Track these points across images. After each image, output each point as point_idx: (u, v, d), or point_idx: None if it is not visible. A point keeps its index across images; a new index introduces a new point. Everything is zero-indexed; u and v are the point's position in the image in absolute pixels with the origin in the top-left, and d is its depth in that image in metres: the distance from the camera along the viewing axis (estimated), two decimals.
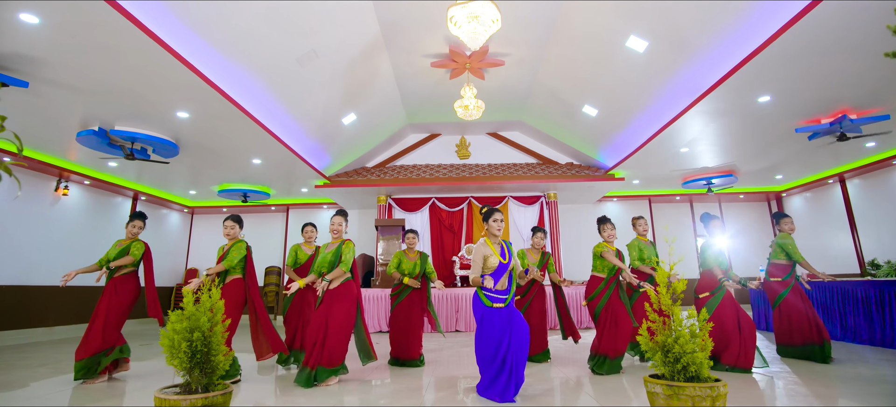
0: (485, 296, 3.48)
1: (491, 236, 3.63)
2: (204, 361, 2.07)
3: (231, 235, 4.22)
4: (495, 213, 3.63)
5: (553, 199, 10.72)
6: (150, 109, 6.10)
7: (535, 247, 5.18)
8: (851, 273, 9.95)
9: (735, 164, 9.55)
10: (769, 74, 5.48)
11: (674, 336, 2.00)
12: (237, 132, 6.94)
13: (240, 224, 4.30)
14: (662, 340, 2.02)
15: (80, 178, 8.91)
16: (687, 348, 1.94)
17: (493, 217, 3.62)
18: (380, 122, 9.21)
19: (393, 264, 4.96)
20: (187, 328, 2.03)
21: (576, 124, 8.94)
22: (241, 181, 10.15)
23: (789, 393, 3.44)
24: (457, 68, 7.36)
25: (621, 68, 6.62)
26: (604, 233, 4.57)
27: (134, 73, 5.18)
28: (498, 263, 3.49)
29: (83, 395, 3.69)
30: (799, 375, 4.04)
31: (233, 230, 4.23)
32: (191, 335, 2.03)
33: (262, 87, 6.31)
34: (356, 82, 7.35)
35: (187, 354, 2.00)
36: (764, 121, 6.91)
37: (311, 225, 5.06)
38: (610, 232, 4.55)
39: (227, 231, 4.21)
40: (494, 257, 3.51)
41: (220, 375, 2.15)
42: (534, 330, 4.87)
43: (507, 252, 3.58)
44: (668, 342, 1.99)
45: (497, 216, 3.62)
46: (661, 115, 7.21)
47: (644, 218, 5.07)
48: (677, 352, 1.96)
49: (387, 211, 10.84)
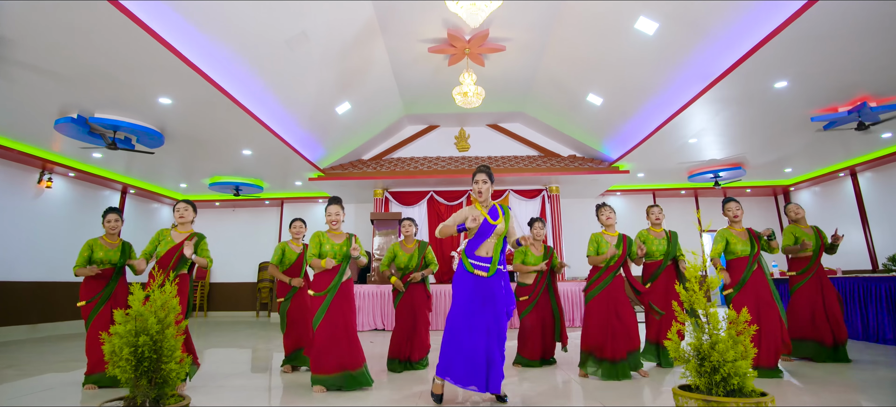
0: (468, 260, 3.14)
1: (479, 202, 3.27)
2: (153, 370, 1.74)
3: (186, 220, 3.75)
4: (478, 173, 3.24)
5: (555, 192, 10.38)
6: (131, 95, 5.76)
7: (536, 238, 4.76)
8: (863, 269, 9.63)
9: (744, 157, 9.22)
10: (788, 57, 5.14)
11: (710, 341, 1.68)
12: (224, 120, 6.60)
13: (195, 211, 3.87)
14: (696, 345, 1.70)
15: (64, 170, 8.57)
16: (727, 356, 1.62)
17: (475, 178, 3.24)
18: (376, 112, 8.86)
19: (386, 260, 4.56)
20: (132, 331, 1.71)
21: (579, 114, 8.59)
22: (232, 174, 9.81)
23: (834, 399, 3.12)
24: (455, 54, 7.01)
25: (629, 52, 6.27)
26: (602, 216, 4.19)
27: (110, 56, 4.84)
28: (483, 221, 3.14)
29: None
30: (808, 380, 3.73)
31: (187, 215, 3.76)
32: (136, 339, 1.70)
33: (249, 71, 5.96)
34: (350, 68, 7.00)
35: (131, 362, 1.68)
36: (778, 109, 6.57)
37: (299, 220, 4.66)
38: (608, 215, 4.16)
39: (181, 215, 3.72)
40: (480, 216, 3.16)
41: (174, 386, 1.83)
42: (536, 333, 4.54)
43: (499, 213, 3.21)
44: (704, 348, 1.67)
45: (479, 177, 3.23)
46: (669, 103, 6.87)
47: (658, 207, 4.70)
48: (715, 360, 1.63)
49: (384, 205, 10.52)
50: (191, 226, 3.81)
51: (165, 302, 1.82)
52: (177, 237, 3.69)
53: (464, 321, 3.01)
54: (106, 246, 3.87)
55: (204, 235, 3.78)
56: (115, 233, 3.95)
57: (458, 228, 3.13)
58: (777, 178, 10.98)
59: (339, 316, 3.49)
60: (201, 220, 12.42)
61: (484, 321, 3.02)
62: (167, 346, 1.77)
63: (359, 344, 3.57)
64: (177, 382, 1.82)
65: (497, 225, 3.15)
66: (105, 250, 3.83)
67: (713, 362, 1.64)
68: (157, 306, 1.80)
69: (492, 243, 3.16)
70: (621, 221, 11.54)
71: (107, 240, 3.92)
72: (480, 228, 3.15)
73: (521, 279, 4.71)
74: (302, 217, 4.72)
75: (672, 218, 11.84)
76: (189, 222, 3.77)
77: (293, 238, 4.64)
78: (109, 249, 3.87)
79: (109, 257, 3.82)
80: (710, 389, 1.68)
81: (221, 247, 11.93)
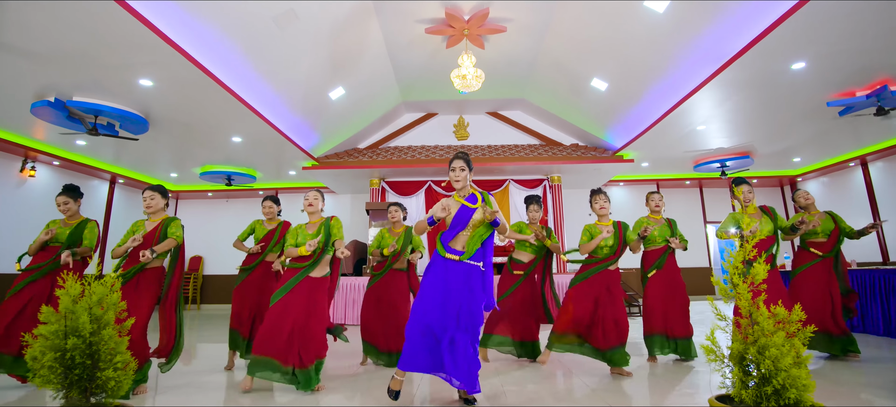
0: (442, 246, 2.86)
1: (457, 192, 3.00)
2: (86, 378, 1.45)
3: (155, 207, 3.42)
4: (455, 160, 2.96)
5: (556, 182, 10.07)
6: (110, 77, 5.43)
7: (532, 221, 4.45)
8: (873, 262, 9.36)
9: (752, 145, 8.90)
10: (807, 36, 4.82)
11: (760, 346, 1.38)
12: (210, 104, 6.27)
13: (165, 197, 3.55)
14: (740, 348, 1.40)
15: (48, 159, 8.26)
16: (782, 363, 1.33)
17: (452, 165, 2.96)
18: (371, 98, 8.53)
19: (374, 245, 4.32)
20: (59, 332, 1.41)
21: (583, 100, 8.26)
22: (224, 163, 9.49)
23: None
24: (454, 35, 6.67)
25: (636, 33, 5.95)
26: (595, 205, 3.90)
27: (85, 33, 4.52)
28: (459, 209, 2.86)
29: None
30: (838, 383, 3.45)
31: (154, 202, 3.43)
32: (64, 342, 1.41)
33: (235, 51, 5.62)
34: (342, 49, 6.66)
35: (56, 370, 1.39)
36: (793, 92, 6.24)
37: (270, 199, 4.37)
38: (602, 204, 3.88)
39: (149, 203, 3.39)
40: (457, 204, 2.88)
41: (117, 395, 1.53)
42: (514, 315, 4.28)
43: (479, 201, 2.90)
44: (752, 354, 1.37)
45: (456, 164, 2.95)
46: (678, 87, 6.55)
47: (658, 193, 4.44)
48: (766, 368, 1.34)
49: (380, 195, 10.20)
50: (163, 212, 3.51)
51: (103, 297, 1.52)
52: (148, 226, 3.39)
53: (430, 305, 2.73)
54: (61, 225, 3.62)
55: (175, 218, 3.49)
56: (68, 215, 3.66)
57: (429, 221, 2.82)
58: (785, 168, 10.68)
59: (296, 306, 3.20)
60: (194, 211, 12.12)
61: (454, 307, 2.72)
62: (105, 349, 1.48)
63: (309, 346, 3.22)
64: (118, 391, 1.53)
65: (472, 213, 2.86)
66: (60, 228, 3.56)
67: (763, 371, 1.35)
68: (93, 302, 1.50)
69: (466, 236, 2.88)
70: (624, 212, 11.25)
71: (66, 221, 3.65)
72: (455, 217, 2.86)
73: (517, 256, 4.44)
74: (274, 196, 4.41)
75: (677, 209, 11.57)
76: (160, 209, 3.46)
77: (267, 218, 4.37)
78: (64, 227, 3.60)
79: (57, 236, 3.54)
80: (758, 402, 1.39)
81: (215, 238, 11.63)
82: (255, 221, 4.36)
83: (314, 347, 3.23)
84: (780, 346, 1.34)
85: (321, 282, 3.36)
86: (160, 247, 3.26)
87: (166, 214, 3.54)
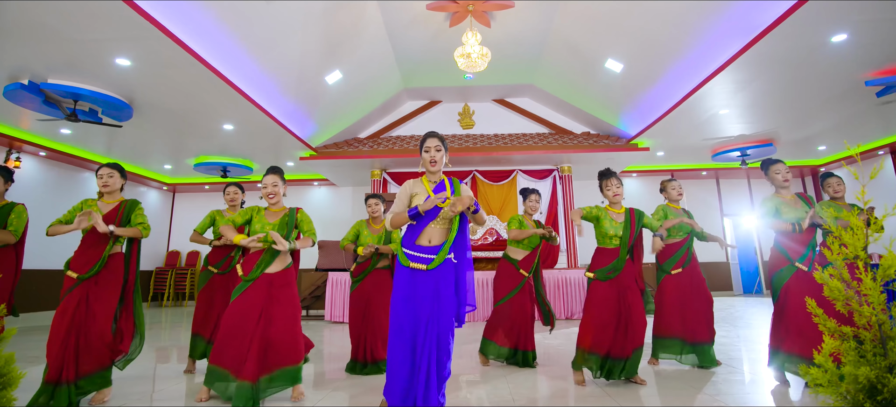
0: (403, 252, 2.40)
1: (428, 173, 2.56)
2: None
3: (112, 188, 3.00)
4: (429, 139, 2.55)
5: (567, 172, 9.57)
6: (83, 55, 5.01)
7: (529, 213, 4.01)
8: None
9: (776, 133, 8.38)
10: (851, 2, 4.31)
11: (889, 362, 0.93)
12: (196, 87, 5.85)
13: (123, 176, 3.11)
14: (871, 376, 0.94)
15: (34, 149, 7.89)
16: None
17: (425, 144, 2.55)
18: (371, 83, 8.07)
19: (349, 237, 3.82)
20: None
21: (596, 84, 7.76)
22: (218, 153, 9.09)
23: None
24: (458, 12, 6.19)
25: (655, 6, 5.44)
26: (608, 191, 3.40)
27: (46, 3, 4.10)
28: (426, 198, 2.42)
29: None
30: None
31: (112, 180, 3.00)
32: None
33: (219, 27, 5.18)
34: (338, 29, 6.21)
35: None
36: (828, 70, 5.72)
37: (235, 186, 3.93)
38: (615, 190, 3.36)
39: (106, 181, 2.97)
40: (423, 194, 2.47)
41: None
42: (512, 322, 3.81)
43: (447, 191, 2.47)
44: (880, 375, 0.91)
45: (430, 143, 2.54)
46: (699, 67, 6.04)
47: (678, 181, 3.98)
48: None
49: (381, 186, 9.77)
50: (119, 194, 3.09)
51: None
52: (104, 208, 2.97)
53: (396, 328, 2.32)
54: None
55: (138, 201, 3.06)
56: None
57: (409, 213, 2.37)
58: (808, 157, 10.13)
59: (253, 307, 2.74)
60: (190, 204, 11.77)
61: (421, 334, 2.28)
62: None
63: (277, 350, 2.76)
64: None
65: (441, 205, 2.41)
66: None
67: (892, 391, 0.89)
68: None
69: (437, 230, 2.44)
70: (638, 203, 10.73)
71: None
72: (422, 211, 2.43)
73: (512, 254, 3.96)
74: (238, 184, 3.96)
75: (692, 201, 11.04)
76: (117, 189, 3.04)
77: (229, 206, 3.92)
78: None
79: None
80: None
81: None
82: (215, 211, 3.90)
83: (285, 351, 2.78)
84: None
85: (283, 276, 2.89)
86: (124, 231, 2.85)
87: (122, 195, 3.12)
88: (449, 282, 2.38)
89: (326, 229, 10.26)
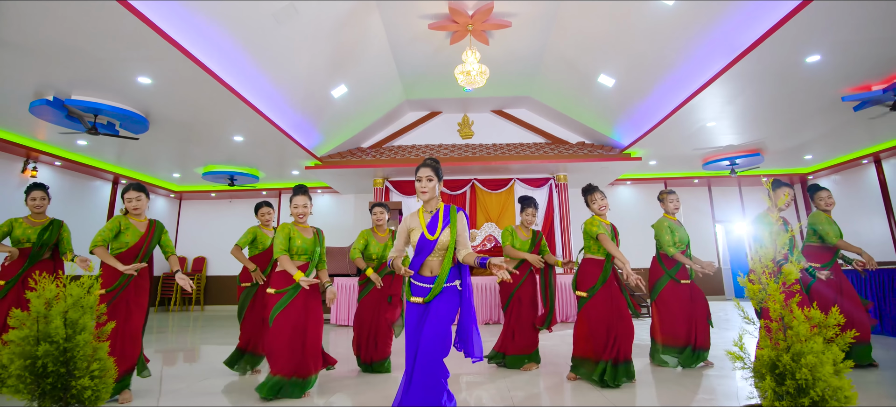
0: (408, 284, 2.56)
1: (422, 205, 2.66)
2: (60, 387, 1.34)
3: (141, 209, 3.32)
4: (421, 168, 2.59)
5: (563, 181, 9.92)
6: (108, 75, 5.34)
7: (525, 224, 4.28)
8: (888, 261, 9.15)
9: (763, 142, 8.72)
10: (824, 26, 4.65)
11: (795, 352, 1.25)
12: (211, 102, 6.18)
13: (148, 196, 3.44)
14: (772, 356, 1.27)
15: (50, 159, 8.21)
16: (820, 372, 1.20)
17: (418, 174, 2.59)
18: (374, 96, 8.41)
19: (357, 247, 4.03)
20: (30, 337, 1.30)
21: (590, 97, 8.11)
22: (226, 163, 9.41)
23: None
24: (458, 31, 6.55)
25: (644, 27, 5.80)
26: (593, 204, 3.70)
27: (82, 30, 4.43)
28: (420, 238, 2.50)
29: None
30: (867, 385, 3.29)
31: (141, 203, 3.32)
32: (35, 348, 1.30)
33: (235, 47, 5.52)
34: (344, 46, 6.56)
35: (26, 379, 1.28)
36: (807, 87, 6.07)
37: (267, 205, 4.24)
38: (601, 203, 3.65)
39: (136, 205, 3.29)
40: (418, 230, 2.54)
41: (94, 405, 1.42)
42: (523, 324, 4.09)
43: (441, 225, 2.52)
44: (786, 362, 1.24)
45: (422, 173, 2.57)
46: (687, 83, 6.40)
47: (676, 192, 4.28)
48: (803, 378, 1.21)
49: (384, 195, 10.09)
50: (145, 213, 3.42)
51: (79, 299, 1.41)
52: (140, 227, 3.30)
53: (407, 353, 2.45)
54: (27, 224, 3.51)
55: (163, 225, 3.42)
56: (39, 212, 3.57)
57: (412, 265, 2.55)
58: (796, 165, 10.48)
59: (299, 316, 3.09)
60: (197, 211, 12.08)
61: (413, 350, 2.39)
62: (81, 356, 1.37)
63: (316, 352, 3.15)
64: (96, 401, 1.42)
65: (436, 239, 2.49)
66: (24, 228, 3.44)
67: (799, 380, 1.21)
68: (68, 305, 1.39)
69: (436, 261, 2.52)
70: (631, 211, 11.10)
71: (31, 219, 3.55)
72: (419, 242, 2.52)
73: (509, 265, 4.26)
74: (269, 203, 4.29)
75: (685, 208, 11.39)
76: (144, 209, 3.38)
77: (263, 224, 4.24)
78: (29, 226, 3.50)
79: (28, 235, 3.44)
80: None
81: (218, 239, 11.58)
82: (254, 228, 4.19)
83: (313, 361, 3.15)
84: (818, 353, 1.21)
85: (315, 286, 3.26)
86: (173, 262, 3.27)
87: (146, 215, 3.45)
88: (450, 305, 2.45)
89: (330, 236, 10.57)
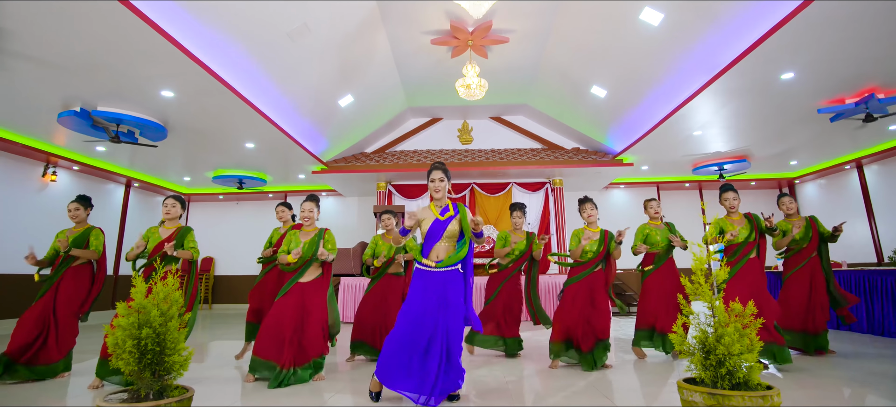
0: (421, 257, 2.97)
1: (434, 202, 3.10)
2: (156, 363, 1.74)
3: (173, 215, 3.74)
4: (434, 171, 3.01)
5: (558, 185, 10.35)
6: (132, 88, 5.75)
7: (515, 227, 4.74)
8: (868, 262, 9.58)
9: (749, 149, 9.15)
10: (795, 48, 5.08)
11: (716, 334, 1.66)
12: (226, 112, 6.59)
13: (183, 207, 3.88)
14: (701, 338, 1.68)
15: (68, 164, 8.59)
16: (733, 349, 1.61)
17: (431, 176, 3.02)
18: (378, 105, 8.84)
19: (368, 253, 4.55)
20: (135, 323, 1.71)
21: (583, 106, 8.54)
22: (235, 167, 9.82)
23: None
24: (458, 46, 6.97)
25: (633, 43, 6.22)
26: (584, 214, 4.23)
27: (110, 47, 4.83)
28: (433, 223, 2.92)
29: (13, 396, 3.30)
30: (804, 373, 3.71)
31: (175, 210, 3.76)
32: (139, 332, 1.70)
33: (250, 62, 5.94)
34: (352, 60, 6.97)
35: (134, 355, 1.68)
36: (785, 100, 6.50)
37: (283, 204, 4.71)
38: (589, 212, 4.19)
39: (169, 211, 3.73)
40: (431, 218, 2.96)
41: (177, 378, 1.83)
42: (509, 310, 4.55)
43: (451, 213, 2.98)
44: (710, 342, 1.65)
45: (435, 175, 3.00)
46: (674, 94, 6.82)
47: (656, 200, 4.76)
48: (721, 353, 1.62)
49: (387, 198, 10.51)
50: (178, 221, 3.82)
51: (168, 294, 1.82)
52: (164, 233, 3.71)
53: (406, 320, 2.79)
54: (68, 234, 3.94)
55: (190, 228, 3.83)
56: (77, 221, 4.00)
57: (401, 232, 2.97)
58: (782, 170, 10.91)
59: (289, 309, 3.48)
60: (206, 213, 12.46)
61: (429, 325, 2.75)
62: (170, 338, 1.77)
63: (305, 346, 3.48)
64: (180, 374, 1.82)
65: (447, 221, 2.93)
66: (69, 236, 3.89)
67: (719, 355, 1.62)
68: (160, 299, 1.80)
69: (444, 247, 2.94)
70: (625, 214, 11.52)
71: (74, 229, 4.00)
72: (430, 228, 2.95)
73: (501, 261, 4.73)
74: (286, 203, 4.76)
75: (677, 211, 11.81)
76: (177, 218, 3.78)
77: (284, 224, 4.70)
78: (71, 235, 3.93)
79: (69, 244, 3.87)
80: (715, 382, 1.67)
81: (226, 240, 11.98)
82: (274, 230, 4.71)
83: (312, 347, 3.50)
84: (732, 334, 1.62)
85: (314, 285, 3.65)
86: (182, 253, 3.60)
87: (180, 222, 3.86)
88: (457, 285, 2.88)
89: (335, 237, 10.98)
